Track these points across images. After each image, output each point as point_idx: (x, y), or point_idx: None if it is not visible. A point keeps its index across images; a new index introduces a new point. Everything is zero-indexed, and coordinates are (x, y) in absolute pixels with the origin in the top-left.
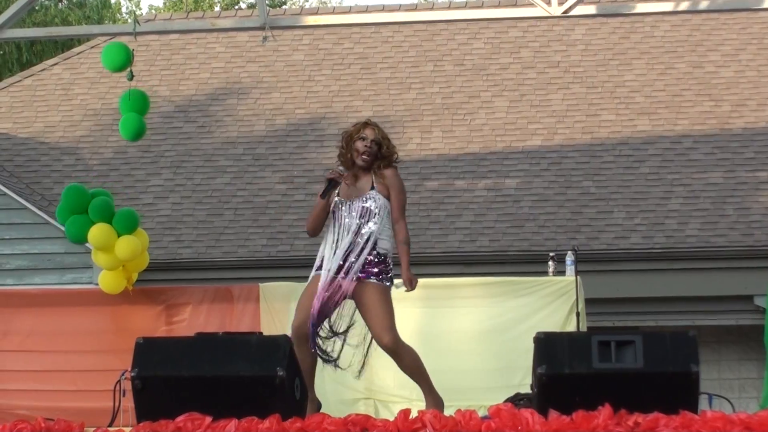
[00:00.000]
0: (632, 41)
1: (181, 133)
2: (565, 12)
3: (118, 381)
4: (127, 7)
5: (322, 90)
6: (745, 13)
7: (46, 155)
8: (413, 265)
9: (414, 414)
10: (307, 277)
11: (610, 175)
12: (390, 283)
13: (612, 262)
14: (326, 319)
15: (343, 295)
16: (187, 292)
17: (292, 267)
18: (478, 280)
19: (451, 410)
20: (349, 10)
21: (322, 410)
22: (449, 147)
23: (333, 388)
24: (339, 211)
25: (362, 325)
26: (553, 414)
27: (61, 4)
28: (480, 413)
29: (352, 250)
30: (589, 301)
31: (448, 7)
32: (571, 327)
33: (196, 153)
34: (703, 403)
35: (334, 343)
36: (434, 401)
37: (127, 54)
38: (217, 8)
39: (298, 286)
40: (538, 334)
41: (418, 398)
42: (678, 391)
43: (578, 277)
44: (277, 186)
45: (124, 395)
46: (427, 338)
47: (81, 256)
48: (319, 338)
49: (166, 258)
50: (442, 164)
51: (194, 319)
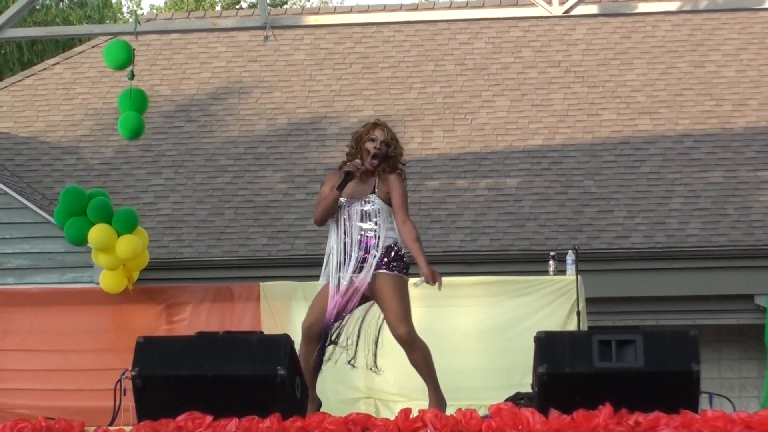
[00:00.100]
0: (633, 41)
1: (182, 132)
2: (566, 12)
3: (119, 380)
4: (128, 7)
5: (324, 89)
6: (746, 12)
7: (47, 154)
8: (415, 264)
9: (414, 413)
10: (307, 277)
11: (611, 174)
12: (404, 273)
13: (613, 262)
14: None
15: (360, 294)
16: (187, 291)
17: (293, 266)
18: (479, 280)
19: (452, 409)
20: (351, 10)
21: (322, 409)
22: (450, 146)
23: (334, 387)
24: (341, 210)
25: (368, 320)
26: (554, 413)
27: (62, 4)
28: (480, 412)
29: (365, 259)
30: (589, 301)
31: (449, 7)
32: (571, 326)
33: (197, 152)
34: (703, 403)
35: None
36: (437, 400)
37: (129, 52)
38: (218, 8)
39: (298, 286)
40: (538, 333)
41: (419, 398)
42: (679, 391)
43: (579, 277)
44: (278, 185)
45: (124, 394)
46: (428, 337)
47: (81, 256)
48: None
49: (167, 257)
50: (443, 164)
51: (195, 319)
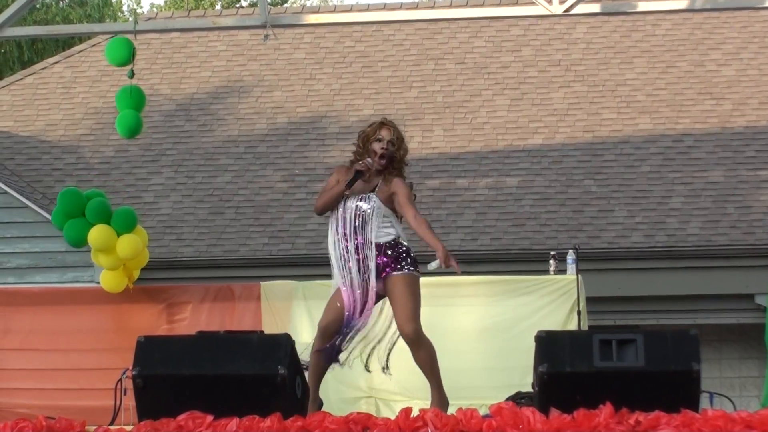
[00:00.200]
0: (633, 40)
1: (182, 131)
2: (566, 10)
3: (120, 379)
4: (128, 6)
5: (324, 88)
6: (746, 11)
7: (47, 154)
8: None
9: (415, 413)
10: (308, 276)
11: (611, 173)
12: (415, 268)
13: (613, 261)
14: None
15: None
16: (188, 290)
17: (294, 266)
18: (480, 279)
19: (453, 408)
20: (351, 9)
21: (323, 409)
22: (450, 145)
23: (335, 386)
24: (337, 207)
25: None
26: (555, 412)
27: (62, 3)
28: (481, 412)
29: (358, 258)
30: (590, 300)
31: (450, 6)
32: (572, 325)
33: (197, 151)
34: (704, 402)
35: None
36: (440, 400)
37: (131, 49)
38: (218, 6)
39: (299, 285)
40: (539, 332)
41: (420, 397)
42: (679, 390)
43: (579, 276)
44: (278, 184)
45: (125, 394)
46: (429, 336)
47: (82, 255)
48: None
49: (168, 257)
50: (443, 163)
51: (195, 318)
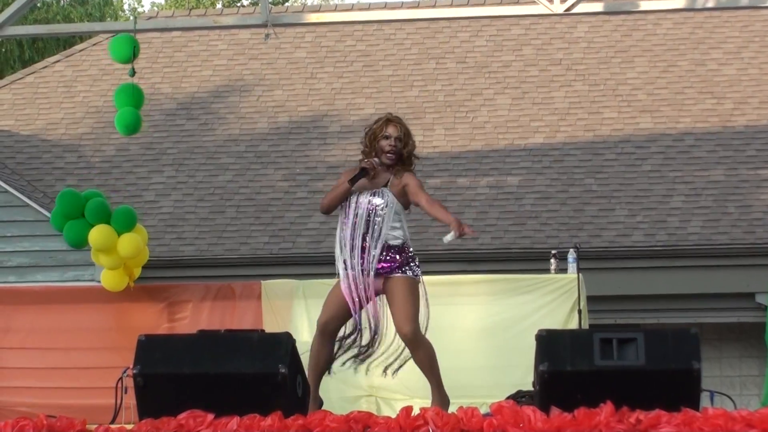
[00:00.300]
0: (634, 39)
1: (183, 130)
2: (568, 9)
3: (120, 378)
4: (129, 4)
5: (325, 87)
6: (748, 10)
7: (48, 152)
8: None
9: (416, 411)
10: (308, 275)
11: (612, 172)
12: (416, 274)
13: (614, 260)
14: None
15: (371, 292)
16: (189, 289)
17: (294, 264)
18: (480, 278)
19: (453, 407)
20: (352, 8)
21: (324, 407)
22: (451, 144)
23: (335, 385)
24: (348, 201)
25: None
26: (555, 411)
27: (62, 2)
28: (482, 410)
29: (367, 251)
30: (590, 299)
31: (451, 5)
32: (572, 324)
33: (198, 150)
34: (704, 400)
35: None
36: (440, 399)
37: (132, 46)
38: (219, 5)
39: (300, 284)
40: (540, 331)
41: (420, 396)
42: (679, 389)
43: (580, 275)
44: (279, 183)
45: (126, 392)
46: (430, 335)
47: (83, 254)
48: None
49: (168, 255)
50: (444, 162)
51: (196, 317)
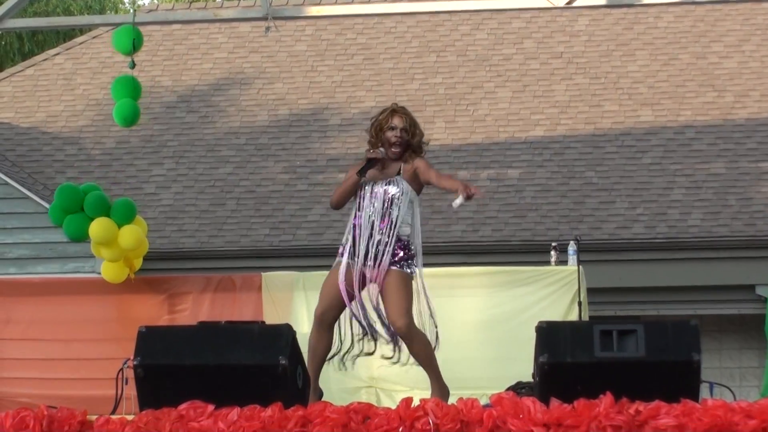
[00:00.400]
0: (635, 32)
1: (184, 123)
2: (568, 2)
3: (121, 369)
4: None
5: (325, 80)
6: (749, 3)
7: (49, 145)
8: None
9: (416, 402)
10: (309, 267)
11: (612, 165)
12: (412, 270)
13: (614, 252)
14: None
15: (369, 281)
16: (189, 281)
17: (295, 257)
18: (481, 270)
19: (453, 399)
20: (352, 1)
21: (324, 399)
22: (452, 137)
23: (336, 376)
24: (362, 191)
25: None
26: (555, 402)
27: None
28: (482, 401)
29: (380, 240)
30: (591, 291)
31: None
32: (573, 316)
33: (198, 143)
34: (704, 392)
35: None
36: (440, 390)
37: (135, 38)
38: None
39: (300, 276)
40: (540, 323)
41: (420, 387)
42: (679, 380)
43: (580, 267)
44: (279, 176)
45: (126, 383)
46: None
47: (83, 246)
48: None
49: (169, 247)
50: (445, 154)
51: (197, 308)
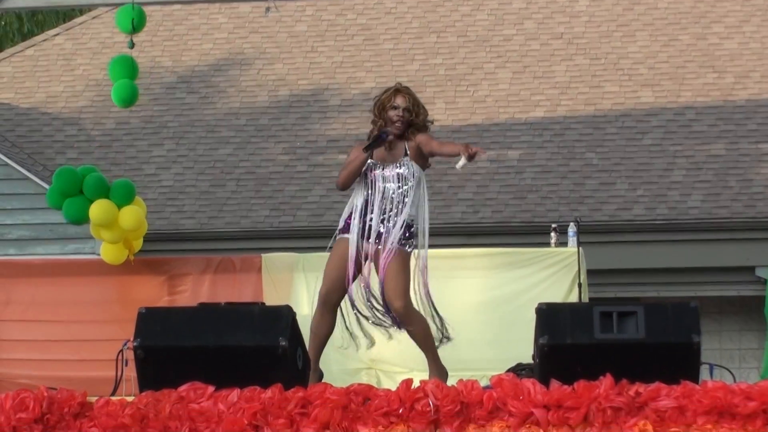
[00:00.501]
0: (636, 13)
1: (184, 104)
2: None
3: (121, 350)
4: None
5: (325, 61)
6: None
7: (48, 125)
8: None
9: (416, 384)
10: (309, 248)
11: (612, 146)
12: (411, 248)
13: (614, 234)
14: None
15: (371, 259)
16: (189, 262)
17: (295, 238)
18: (481, 251)
19: (453, 380)
20: None
21: (324, 380)
22: (452, 118)
23: (336, 357)
24: (371, 173)
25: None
26: (555, 384)
27: None
28: (482, 383)
29: (389, 217)
30: (591, 273)
31: None
32: (573, 298)
33: (198, 124)
34: (704, 374)
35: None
36: (438, 371)
37: (134, 18)
38: None
39: (300, 257)
40: (540, 304)
41: (420, 369)
42: (679, 362)
43: (580, 249)
44: (279, 157)
45: (126, 365)
46: None
47: (83, 227)
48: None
49: (169, 229)
50: (445, 136)
51: (196, 290)
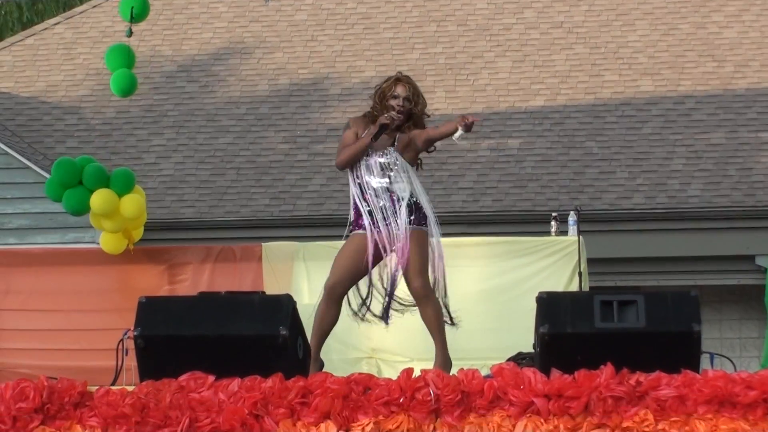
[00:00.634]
0: (635, 1)
1: (184, 92)
2: None
3: (121, 340)
4: None
5: (325, 50)
6: None
7: (49, 114)
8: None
9: (417, 373)
10: (309, 237)
11: (612, 135)
12: (426, 226)
13: (614, 222)
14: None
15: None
16: (189, 251)
17: (295, 227)
18: (481, 240)
19: (454, 369)
20: None
21: (325, 369)
22: (452, 107)
23: (336, 347)
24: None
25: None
26: (556, 373)
27: None
28: (483, 372)
29: (391, 213)
30: (591, 261)
31: None
32: (573, 287)
33: (198, 113)
34: (704, 363)
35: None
36: (443, 360)
37: (133, 5)
38: None
39: (300, 246)
40: (540, 293)
41: (420, 358)
42: (680, 351)
43: (581, 237)
44: (279, 146)
45: (126, 354)
46: None
47: (83, 216)
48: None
49: (169, 218)
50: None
51: (197, 279)
